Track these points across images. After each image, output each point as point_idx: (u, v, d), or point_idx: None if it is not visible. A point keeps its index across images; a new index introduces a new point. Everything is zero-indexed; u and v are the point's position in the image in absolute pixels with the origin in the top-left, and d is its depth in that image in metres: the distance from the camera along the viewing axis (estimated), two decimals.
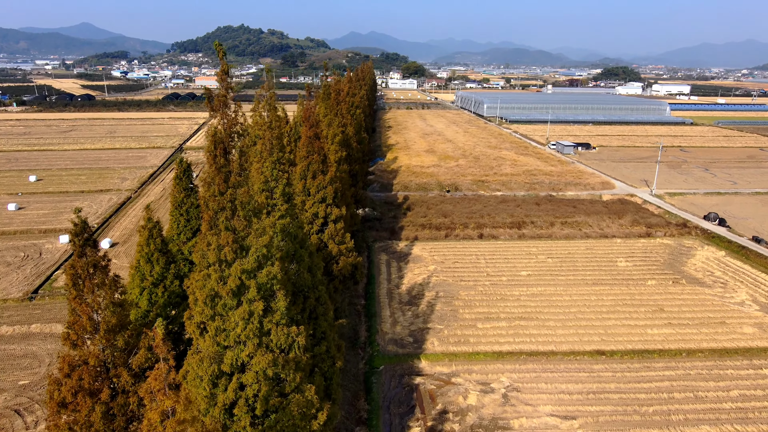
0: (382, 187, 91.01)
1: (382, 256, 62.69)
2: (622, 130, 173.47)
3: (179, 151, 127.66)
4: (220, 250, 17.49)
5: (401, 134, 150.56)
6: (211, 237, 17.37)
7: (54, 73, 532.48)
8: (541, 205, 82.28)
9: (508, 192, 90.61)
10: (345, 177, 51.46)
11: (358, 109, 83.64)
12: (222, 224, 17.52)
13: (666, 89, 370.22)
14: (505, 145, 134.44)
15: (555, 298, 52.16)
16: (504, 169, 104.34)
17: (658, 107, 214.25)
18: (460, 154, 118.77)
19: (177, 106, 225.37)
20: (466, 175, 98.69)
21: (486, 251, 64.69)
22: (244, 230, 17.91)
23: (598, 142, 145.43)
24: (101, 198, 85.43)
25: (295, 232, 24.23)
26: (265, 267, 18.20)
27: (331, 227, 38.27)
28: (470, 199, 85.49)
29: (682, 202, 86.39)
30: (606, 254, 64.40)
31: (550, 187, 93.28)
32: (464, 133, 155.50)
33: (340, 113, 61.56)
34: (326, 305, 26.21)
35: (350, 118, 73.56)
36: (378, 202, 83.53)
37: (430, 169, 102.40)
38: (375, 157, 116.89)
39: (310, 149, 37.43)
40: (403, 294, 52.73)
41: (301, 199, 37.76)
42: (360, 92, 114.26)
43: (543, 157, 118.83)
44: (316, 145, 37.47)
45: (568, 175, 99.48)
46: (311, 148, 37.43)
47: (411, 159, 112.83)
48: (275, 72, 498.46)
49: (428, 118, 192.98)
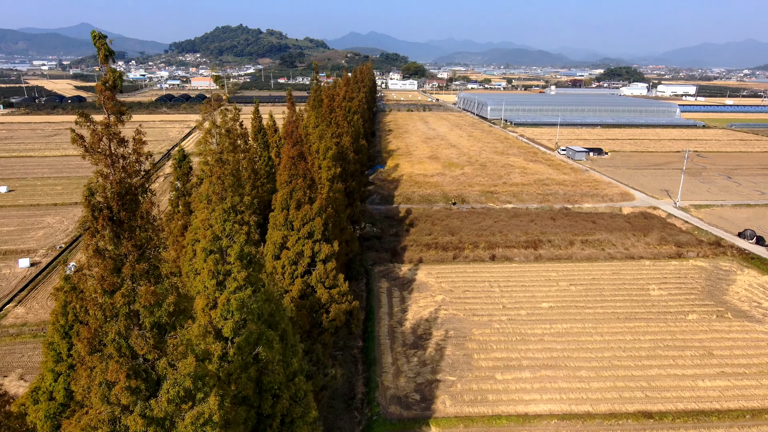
0: (382, 199, 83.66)
1: (382, 283, 55.32)
2: (633, 134, 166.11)
3: (167, 157, 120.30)
4: (108, 389, 10.14)
5: (402, 138, 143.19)
6: (88, 372, 9.99)
7: (49, 74, 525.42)
8: (557, 220, 74.91)
9: (519, 204, 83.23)
10: (339, 197, 44.12)
11: (356, 115, 76.30)
12: (112, 346, 10.16)
13: (671, 90, 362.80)
14: (512, 150, 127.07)
15: (584, 338, 44.78)
16: (513, 177, 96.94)
17: (667, 109, 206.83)
18: (466, 161, 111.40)
19: (170, 108, 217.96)
20: (473, 185, 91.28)
21: (499, 276, 57.35)
22: (151, 351, 10.55)
23: (610, 147, 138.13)
24: (75, 212, 78.04)
25: (260, 309, 16.86)
26: (189, 410, 10.83)
27: (319, 268, 30.92)
28: (479, 213, 78.09)
29: (710, 216, 79.02)
30: (635, 279, 57.06)
31: (565, 198, 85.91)
32: (468, 137, 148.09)
33: (334, 122, 54.21)
34: (306, 402, 18.84)
35: (347, 126, 66.30)
36: (378, 217, 76.20)
37: (434, 178, 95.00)
38: (375, 164, 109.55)
39: (293, 172, 30.09)
40: (408, 333, 45.37)
41: (282, 234, 30.41)
42: (358, 95, 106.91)
43: (554, 164, 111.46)
44: (301, 167, 30.13)
45: (583, 185, 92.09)
46: (295, 171, 30.10)
47: (413, 166, 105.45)
48: (273, 72, 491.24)
49: (430, 121, 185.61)
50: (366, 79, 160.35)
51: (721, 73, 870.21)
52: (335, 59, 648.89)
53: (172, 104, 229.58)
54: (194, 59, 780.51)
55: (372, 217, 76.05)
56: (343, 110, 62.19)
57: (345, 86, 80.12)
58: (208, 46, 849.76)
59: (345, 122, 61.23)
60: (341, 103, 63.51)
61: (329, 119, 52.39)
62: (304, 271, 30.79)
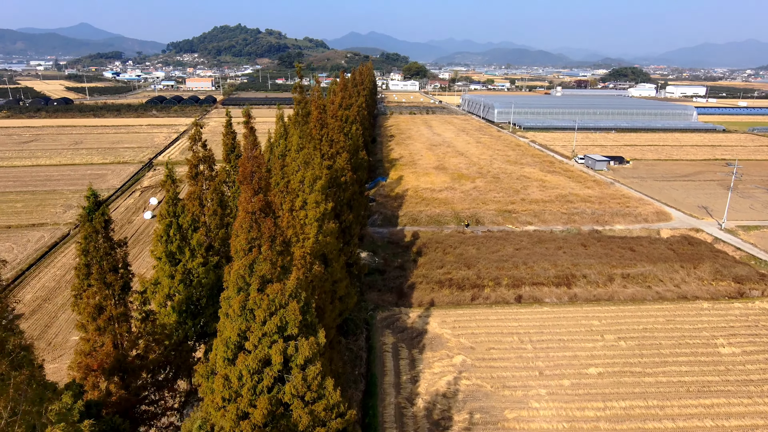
0: (385, 220, 73.16)
1: (387, 337, 44.79)
2: (650, 139, 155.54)
3: (148, 167, 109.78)
4: None
5: (405, 145, 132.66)
6: None
7: (43, 75, 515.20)
8: (589, 247, 64.37)
9: (542, 226, 72.74)
10: (332, 241, 33.63)
11: (354, 125, 65.78)
12: None
13: (680, 91, 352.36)
14: (526, 159, 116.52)
15: (651, 424, 34.27)
16: (532, 192, 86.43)
17: (683, 112, 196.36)
18: (476, 172, 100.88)
19: (160, 111, 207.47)
20: (488, 201, 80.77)
21: (530, 325, 46.83)
22: None
23: (629, 154, 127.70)
24: (30, 236, 67.53)
25: None
26: None
27: (296, 377, 20.39)
28: (497, 237, 67.53)
29: (764, 240, 68.51)
30: (696, 330, 46.55)
31: (594, 218, 75.41)
32: (477, 143, 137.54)
33: (326, 138, 43.70)
34: None
35: (343, 140, 55.94)
36: (380, 242, 65.72)
37: (443, 194, 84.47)
38: (376, 175, 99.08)
39: (254, 235, 19.68)
40: (420, 417, 34.84)
41: (239, 328, 19.94)
42: (358, 100, 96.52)
43: (574, 175, 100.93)
44: (266, 226, 19.71)
45: (611, 202, 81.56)
46: (257, 233, 19.67)
47: (419, 179, 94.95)
48: (271, 73, 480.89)
49: (434, 125, 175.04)
50: (366, 81, 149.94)
51: (725, 73, 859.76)
52: (335, 59, 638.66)
53: (163, 106, 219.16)
54: (192, 59, 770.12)
55: (373, 243, 65.60)
56: (338, 121, 51.65)
57: (341, 91, 69.55)
58: (206, 46, 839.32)
59: (341, 135, 50.71)
60: (336, 113, 52.97)
61: (320, 136, 41.88)
62: (271, 385, 20.26)
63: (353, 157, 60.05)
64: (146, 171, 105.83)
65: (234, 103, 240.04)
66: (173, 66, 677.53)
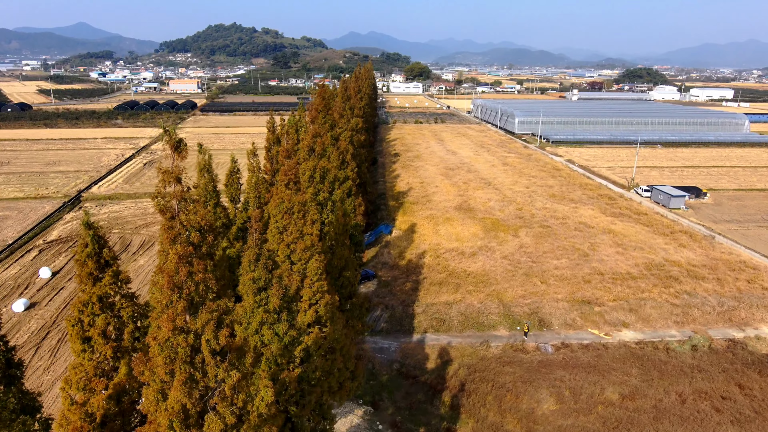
0: (392, 321, 45.55)
1: None
2: (710, 157, 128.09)
3: (71, 204, 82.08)
4: None
5: (414, 169, 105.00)
6: None
7: (26, 75, 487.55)
8: (750, 389, 36.88)
9: (645, 330, 45.19)
10: None
11: (347, 182, 38.42)
12: None
13: (706, 94, 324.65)
14: (574, 191, 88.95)
15: None
16: (606, 256, 58.92)
17: (733, 121, 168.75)
18: (516, 216, 73.36)
19: (126, 118, 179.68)
20: (548, 277, 53.23)
21: None
22: None
23: (697, 180, 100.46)
24: None
25: None
26: None
27: None
28: (582, 364, 39.90)
29: None
30: None
31: (721, 313, 47.86)
32: (503, 166, 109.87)
33: (301, 216, 16.34)
34: None
35: (337, 188, 29.02)
36: (385, 373, 38.36)
37: (478, 262, 56.87)
38: (378, 222, 71.56)
39: None
40: None
41: None
42: (354, 114, 69.08)
43: (651, 220, 73.41)
44: None
45: (730, 275, 54.13)
46: None
47: (438, 230, 67.40)
48: (264, 74, 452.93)
49: (446, 139, 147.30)
50: (365, 86, 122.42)
51: (733, 74, 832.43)
52: (332, 59, 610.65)
53: (133, 113, 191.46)
54: (185, 59, 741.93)
55: (374, 375, 38.16)
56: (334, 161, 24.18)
57: (342, 100, 41.59)
58: (199, 45, 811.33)
59: (336, 184, 23.23)
60: (327, 143, 25.52)
61: (299, 204, 14.58)
62: None
63: (345, 224, 32.75)
64: (65, 212, 78.17)
65: (216, 110, 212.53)
66: (165, 66, 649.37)
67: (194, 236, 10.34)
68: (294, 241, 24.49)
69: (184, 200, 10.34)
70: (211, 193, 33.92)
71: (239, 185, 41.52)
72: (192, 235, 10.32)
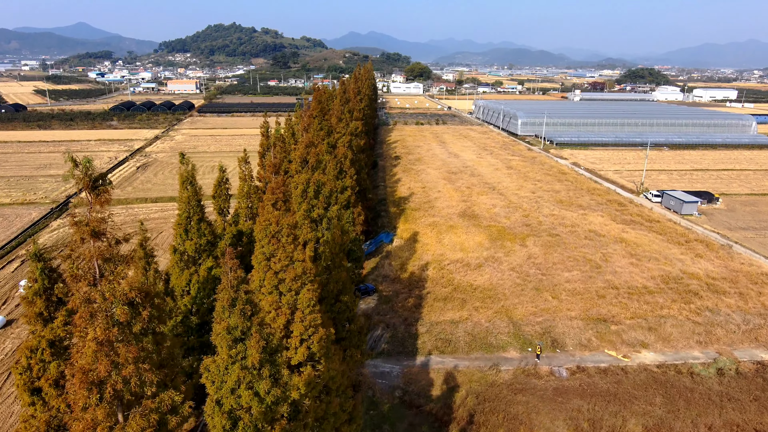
0: (394, 342, 42.32)
1: None
2: (718, 159, 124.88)
3: (59, 210, 78.84)
4: None
5: (416, 173, 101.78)
6: None
7: (24, 75, 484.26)
8: None
9: (666, 352, 41.96)
10: None
11: (354, 167, 35.26)
12: None
13: (710, 94, 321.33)
14: (582, 197, 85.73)
15: None
16: (619, 267, 55.72)
17: (740, 122, 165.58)
18: (523, 223, 70.16)
19: (123, 120, 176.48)
20: (559, 291, 50.04)
21: None
22: None
23: (706, 183, 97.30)
24: None
25: None
26: None
27: None
28: (601, 392, 36.70)
29: None
30: None
31: (746, 331, 44.65)
32: (507, 169, 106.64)
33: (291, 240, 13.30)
34: None
35: (334, 202, 25.93)
36: (386, 401, 35.10)
37: (485, 274, 53.65)
38: (378, 229, 68.38)
39: None
40: None
41: None
42: (354, 117, 65.97)
43: (664, 228, 70.19)
44: None
45: (753, 289, 50.91)
46: None
47: (441, 238, 64.18)
48: (263, 74, 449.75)
49: (448, 141, 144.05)
50: (365, 88, 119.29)
51: (735, 74, 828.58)
52: (332, 59, 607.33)
53: (129, 114, 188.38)
54: (184, 59, 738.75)
55: (374, 404, 34.95)
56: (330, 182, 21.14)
57: (340, 105, 38.39)
58: (199, 45, 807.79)
59: (333, 201, 20.14)
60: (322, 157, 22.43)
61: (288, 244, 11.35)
62: None
63: (341, 248, 29.60)
64: (52, 219, 74.96)
65: (214, 111, 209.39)
66: (164, 66, 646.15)
67: (120, 312, 7.26)
68: (282, 269, 21.35)
69: (107, 261, 7.22)
70: (194, 208, 30.77)
71: (228, 196, 38.40)
72: (117, 311, 7.23)
